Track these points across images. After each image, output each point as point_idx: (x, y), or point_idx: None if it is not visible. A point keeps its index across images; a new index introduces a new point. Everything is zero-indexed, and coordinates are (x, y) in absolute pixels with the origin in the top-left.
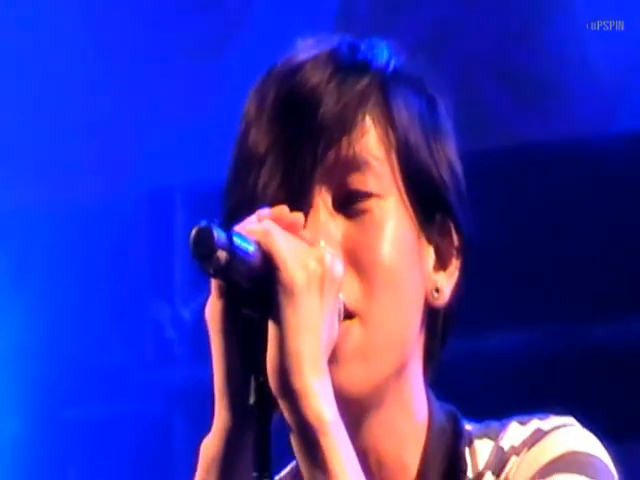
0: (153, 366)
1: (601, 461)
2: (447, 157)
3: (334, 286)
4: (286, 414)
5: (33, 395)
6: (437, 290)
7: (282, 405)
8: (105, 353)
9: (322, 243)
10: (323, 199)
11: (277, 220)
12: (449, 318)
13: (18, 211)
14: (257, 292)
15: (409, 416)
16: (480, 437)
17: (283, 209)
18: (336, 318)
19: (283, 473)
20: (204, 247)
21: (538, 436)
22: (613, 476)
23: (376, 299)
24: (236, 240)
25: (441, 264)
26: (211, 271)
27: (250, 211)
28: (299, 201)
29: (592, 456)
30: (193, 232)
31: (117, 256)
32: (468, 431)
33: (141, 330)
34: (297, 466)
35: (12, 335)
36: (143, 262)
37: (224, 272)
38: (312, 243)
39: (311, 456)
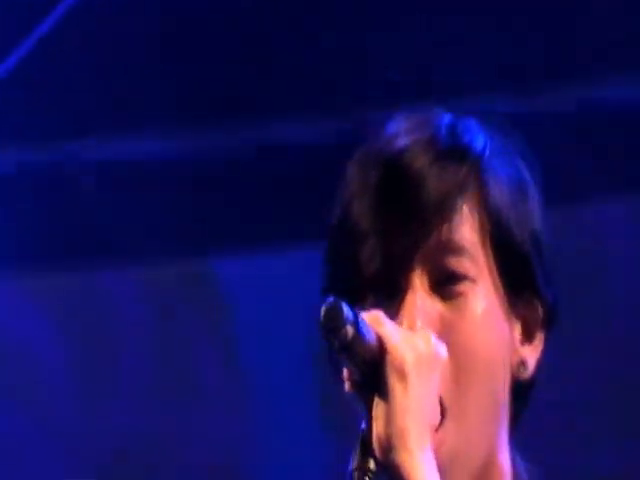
0: None
1: None
2: (534, 230)
3: (439, 367)
4: None
5: None
6: (523, 363)
7: (389, 474)
8: None
9: (418, 324)
10: (421, 280)
11: None
12: (532, 387)
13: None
14: (366, 373)
15: None
16: None
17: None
18: (437, 400)
19: None
20: (335, 321)
21: None
22: None
23: (470, 393)
24: (360, 318)
25: (527, 337)
26: (337, 345)
27: (351, 286)
28: (398, 281)
29: None
30: (324, 307)
31: None
32: None
33: None
34: None
35: None
36: None
37: (348, 347)
38: (412, 327)
39: None
